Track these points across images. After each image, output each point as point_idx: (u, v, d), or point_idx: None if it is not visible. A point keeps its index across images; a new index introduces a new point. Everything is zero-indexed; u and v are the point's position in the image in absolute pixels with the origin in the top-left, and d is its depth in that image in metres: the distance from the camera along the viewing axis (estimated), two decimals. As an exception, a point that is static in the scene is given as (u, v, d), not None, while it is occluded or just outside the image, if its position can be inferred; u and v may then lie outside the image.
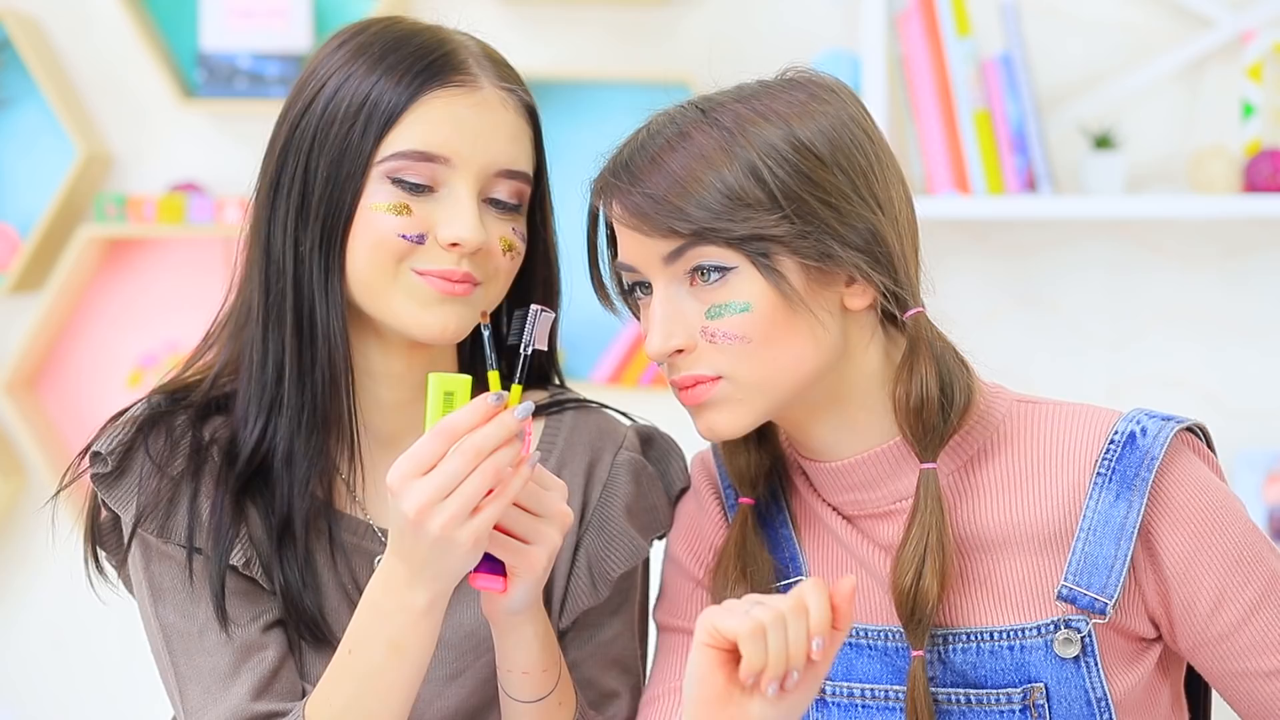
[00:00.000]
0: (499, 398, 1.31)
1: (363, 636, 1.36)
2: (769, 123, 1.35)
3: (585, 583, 1.52)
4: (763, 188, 1.33)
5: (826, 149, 1.35)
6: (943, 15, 3.00)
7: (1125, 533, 1.36)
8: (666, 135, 1.36)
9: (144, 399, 1.50)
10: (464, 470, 1.29)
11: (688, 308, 1.36)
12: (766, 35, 3.22)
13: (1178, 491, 1.38)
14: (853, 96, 1.40)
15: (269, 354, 1.45)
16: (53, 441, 3.29)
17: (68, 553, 3.37)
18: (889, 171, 1.39)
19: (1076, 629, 1.37)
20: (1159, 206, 3.05)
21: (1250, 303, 3.24)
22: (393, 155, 1.41)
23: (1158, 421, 1.39)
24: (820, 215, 1.34)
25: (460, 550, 1.31)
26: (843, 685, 1.44)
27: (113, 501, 1.46)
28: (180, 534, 1.44)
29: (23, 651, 3.37)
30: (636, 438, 1.58)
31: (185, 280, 3.30)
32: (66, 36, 3.29)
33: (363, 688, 1.36)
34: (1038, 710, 1.37)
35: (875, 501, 1.42)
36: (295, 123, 1.45)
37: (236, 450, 1.46)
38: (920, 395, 1.37)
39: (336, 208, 1.42)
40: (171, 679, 1.45)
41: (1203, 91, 3.20)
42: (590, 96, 3.22)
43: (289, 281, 1.44)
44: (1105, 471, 1.38)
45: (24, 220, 3.28)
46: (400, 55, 1.44)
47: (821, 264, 1.34)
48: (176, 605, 1.45)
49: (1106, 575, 1.36)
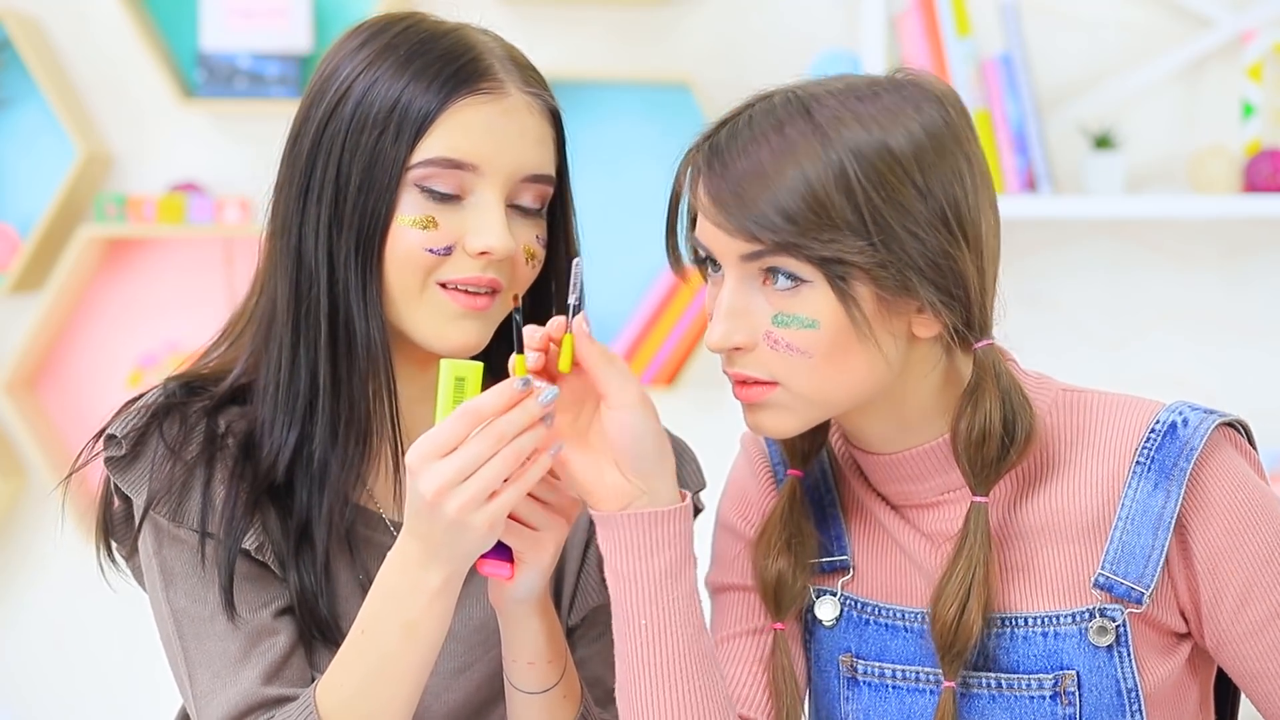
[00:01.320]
0: (525, 383, 1.31)
1: (376, 618, 1.36)
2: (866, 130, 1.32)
3: (595, 580, 1.52)
4: (851, 205, 1.30)
5: (918, 173, 1.32)
6: (942, 15, 3.00)
7: (1163, 522, 1.36)
8: (769, 135, 1.33)
9: (160, 385, 1.50)
10: (486, 454, 1.29)
11: (756, 306, 1.34)
12: (766, 35, 3.22)
13: (1214, 485, 1.37)
14: (958, 108, 1.37)
15: (300, 362, 1.44)
16: (53, 441, 3.29)
17: (69, 553, 3.37)
18: (981, 195, 1.36)
19: (1111, 618, 1.37)
20: (1159, 206, 3.05)
21: (1250, 303, 3.24)
22: (422, 163, 1.41)
23: (1200, 414, 1.39)
24: (905, 246, 1.31)
25: (475, 534, 1.31)
26: (874, 665, 1.44)
27: (125, 485, 1.46)
28: (193, 518, 1.44)
29: (23, 651, 3.37)
30: None
31: (185, 280, 3.30)
32: (66, 36, 3.29)
33: (375, 671, 1.36)
34: (1068, 698, 1.37)
35: (923, 493, 1.42)
36: (323, 124, 1.43)
37: (254, 447, 1.46)
38: (984, 429, 1.36)
39: (373, 217, 1.41)
40: (181, 664, 1.45)
41: (1203, 91, 3.20)
42: (590, 96, 3.22)
43: (323, 288, 1.43)
44: (1145, 460, 1.37)
45: (24, 220, 3.28)
46: (428, 60, 1.43)
47: (897, 295, 1.33)
48: (187, 590, 1.44)
49: (1144, 565, 1.36)
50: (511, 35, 1.56)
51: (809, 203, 1.30)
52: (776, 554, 1.45)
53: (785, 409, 1.36)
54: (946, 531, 1.41)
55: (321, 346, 1.44)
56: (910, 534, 1.43)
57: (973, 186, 1.35)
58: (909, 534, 1.43)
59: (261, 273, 1.49)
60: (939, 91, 1.37)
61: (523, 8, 3.20)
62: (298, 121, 1.46)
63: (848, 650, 1.45)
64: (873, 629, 1.44)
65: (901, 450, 1.41)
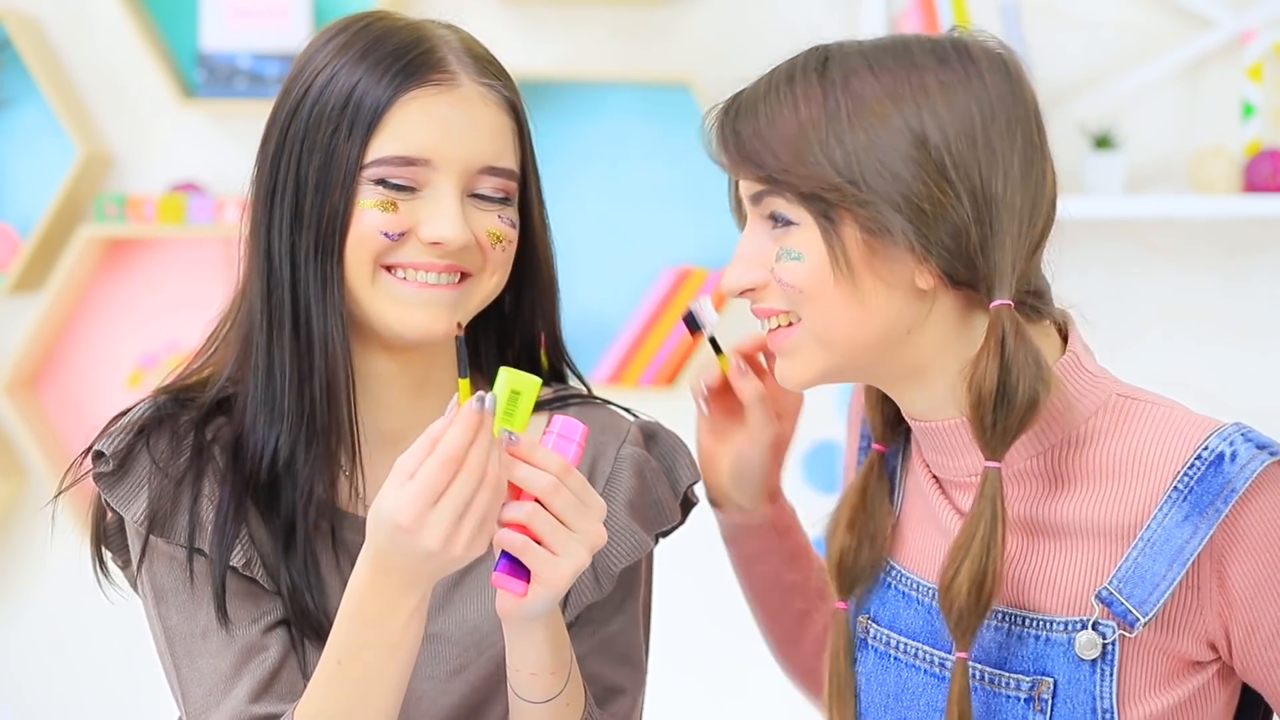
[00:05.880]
0: (480, 400, 1.30)
1: (352, 645, 1.35)
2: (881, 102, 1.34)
3: (588, 577, 1.52)
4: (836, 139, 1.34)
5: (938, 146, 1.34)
6: (942, 15, 3.00)
7: (1181, 558, 1.33)
8: (780, 84, 1.37)
9: (148, 398, 1.50)
10: (472, 490, 1.29)
11: (765, 248, 1.38)
12: (766, 35, 3.22)
13: (1258, 521, 1.34)
14: (1004, 77, 1.38)
15: (274, 361, 1.45)
16: (53, 441, 3.29)
17: (68, 553, 3.37)
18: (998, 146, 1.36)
19: (1102, 633, 1.36)
20: (1159, 206, 3.05)
21: (1250, 303, 3.24)
22: (376, 161, 1.42)
23: (1251, 449, 1.34)
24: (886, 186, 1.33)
25: (477, 553, 1.32)
26: (884, 632, 1.44)
27: (115, 502, 1.46)
28: (181, 535, 1.44)
29: (23, 651, 3.37)
30: (640, 433, 1.58)
31: (185, 280, 3.30)
32: (66, 36, 3.29)
33: (359, 693, 1.36)
34: (1041, 704, 1.37)
35: (955, 469, 1.42)
36: (285, 125, 1.45)
37: (240, 451, 1.46)
38: (979, 391, 1.35)
39: (331, 214, 1.42)
40: (175, 680, 1.46)
41: (1203, 91, 3.20)
42: (590, 96, 3.22)
43: (286, 289, 1.44)
44: (1182, 489, 1.34)
45: (24, 220, 3.29)
46: (380, 54, 1.43)
47: (880, 237, 1.34)
48: (179, 606, 1.45)
49: (1149, 590, 1.34)
50: (511, 35, 1.56)
51: (794, 137, 1.34)
52: (843, 529, 1.45)
53: (802, 353, 1.38)
54: None
55: (287, 344, 1.44)
56: (948, 511, 1.43)
57: (983, 137, 1.35)
58: (947, 511, 1.43)
59: (242, 276, 1.49)
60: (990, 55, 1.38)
61: (523, 8, 3.20)
62: (268, 122, 1.47)
63: (867, 612, 1.46)
64: (893, 594, 1.45)
65: (940, 420, 1.41)
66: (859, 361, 1.38)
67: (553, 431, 1.35)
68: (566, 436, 1.35)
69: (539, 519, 1.32)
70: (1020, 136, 1.38)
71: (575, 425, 1.35)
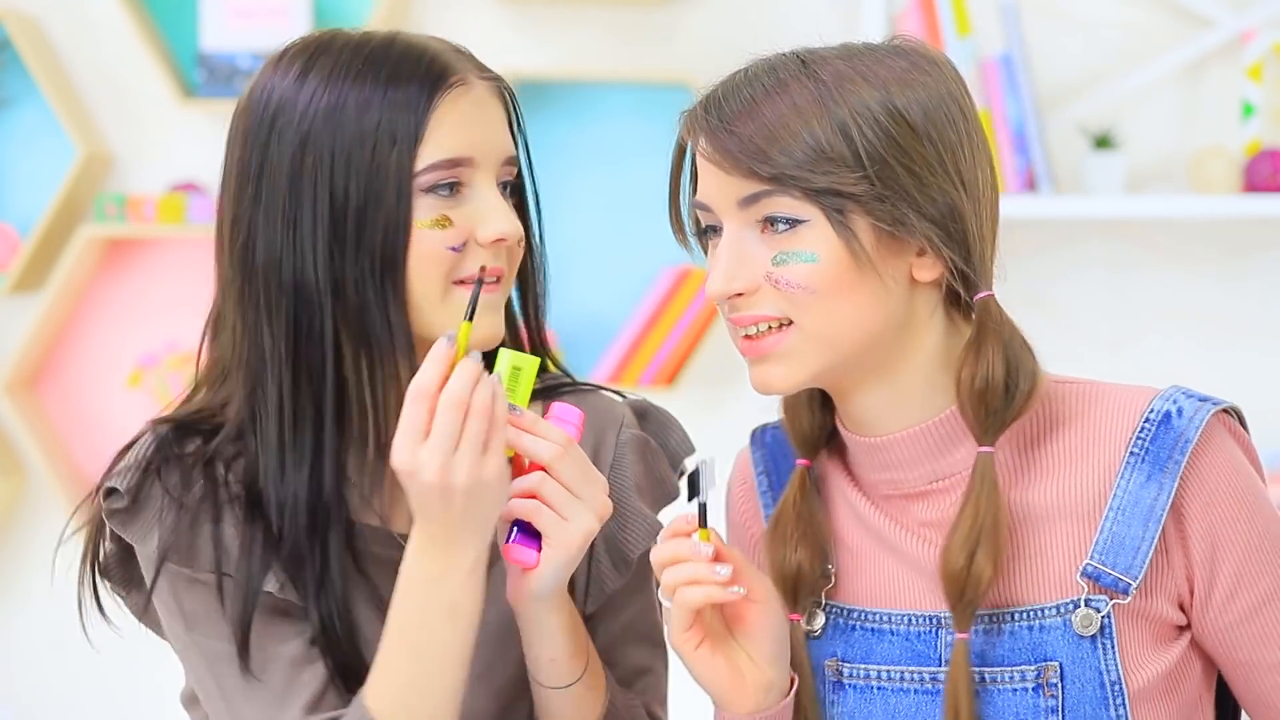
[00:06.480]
0: (449, 339, 1.35)
1: (412, 612, 1.37)
2: (868, 84, 1.36)
3: (608, 566, 1.53)
4: (850, 146, 1.34)
5: (920, 119, 1.36)
6: (942, 15, 3.00)
7: (1154, 515, 1.36)
8: (764, 82, 1.39)
9: (149, 431, 1.48)
10: (458, 420, 1.32)
11: (755, 252, 1.37)
12: (766, 35, 3.21)
13: (1211, 475, 1.37)
14: (954, 73, 1.41)
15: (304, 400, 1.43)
16: (53, 441, 3.29)
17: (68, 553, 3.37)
18: (979, 153, 1.39)
19: (1096, 608, 1.37)
20: (1159, 206, 3.05)
21: (1250, 303, 3.24)
22: (427, 168, 1.42)
23: (1194, 402, 1.39)
24: (901, 181, 1.35)
25: (491, 489, 1.34)
26: (860, 667, 1.44)
27: (131, 536, 1.45)
28: (207, 560, 1.44)
29: (23, 651, 3.37)
30: (633, 414, 1.59)
31: (185, 280, 3.30)
32: (66, 36, 3.29)
33: (423, 664, 1.37)
34: (1051, 689, 1.37)
35: (912, 481, 1.42)
36: (296, 153, 1.43)
37: (259, 493, 1.44)
38: (986, 378, 1.37)
39: (389, 233, 1.41)
40: (221, 706, 1.45)
41: (1203, 91, 3.20)
42: (590, 96, 3.22)
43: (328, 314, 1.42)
44: (1139, 451, 1.38)
45: (24, 220, 3.29)
46: (392, 67, 1.44)
47: (894, 230, 1.35)
48: (216, 632, 1.44)
49: (1132, 556, 1.36)
50: (511, 35, 1.57)
51: (810, 146, 1.34)
52: (795, 544, 1.45)
53: (796, 356, 1.38)
54: (936, 521, 1.42)
55: (328, 377, 1.43)
56: (898, 530, 1.43)
57: (969, 140, 1.38)
58: (897, 530, 1.43)
59: (237, 315, 1.47)
60: (935, 56, 1.41)
61: (522, 8, 3.20)
62: (250, 161, 1.46)
63: (833, 655, 1.45)
64: (859, 634, 1.45)
65: (893, 432, 1.41)
66: (854, 359, 1.39)
67: (552, 417, 1.40)
68: (565, 419, 1.40)
69: (547, 485, 1.37)
70: (976, 133, 1.41)
71: (572, 410, 1.40)
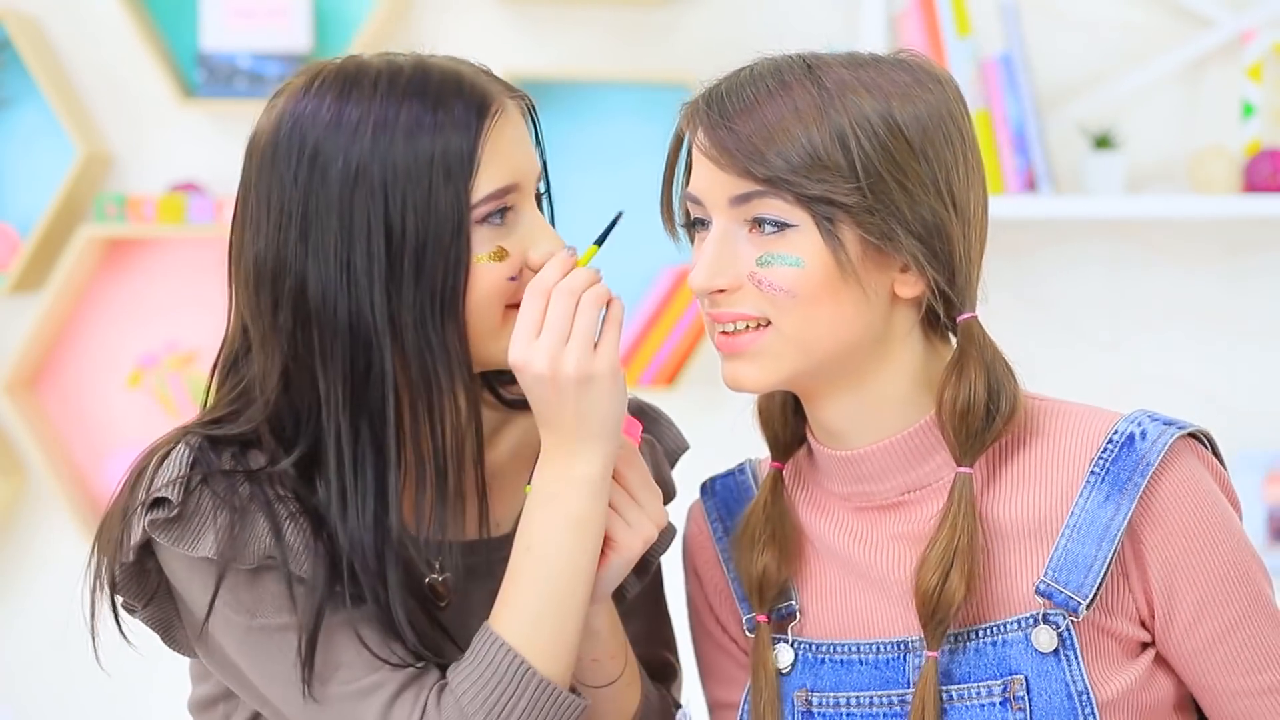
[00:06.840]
0: (571, 251, 1.41)
1: (538, 526, 1.39)
2: (870, 95, 1.36)
3: (631, 573, 1.54)
4: (846, 156, 1.35)
5: (917, 135, 1.36)
6: (942, 15, 3.00)
7: (1108, 535, 1.36)
8: (768, 82, 1.38)
9: (178, 439, 1.44)
10: (569, 311, 1.38)
11: (741, 250, 1.38)
12: (766, 35, 3.21)
13: (1171, 501, 1.37)
14: (957, 93, 1.41)
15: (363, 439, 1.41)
16: (53, 441, 3.29)
17: (68, 553, 3.36)
18: (973, 174, 1.40)
19: (1054, 624, 1.37)
20: (1159, 206, 3.05)
21: (1250, 303, 3.24)
22: (483, 200, 1.41)
23: (1159, 425, 1.38)
24: (893, 196, 1.35)
25: (603, 383, 1.38)
26: (829, 696, 1.44)
27: (181, 544, 1.41)
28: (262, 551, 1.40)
29: (23, 651, 3.37)
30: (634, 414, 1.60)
31: (185, 280, 3.30)
32: (66, 36, 3.29)
33: (550, 578, 1.39)
34: (1018, 702, 1.37)
35: (884, 493, 1.42)
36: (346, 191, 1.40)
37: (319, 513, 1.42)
38: (968, 400, 1.38)
39: (452, 271, 1.40)
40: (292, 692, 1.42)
41: (1203, 91, 3.20)
42: (590, 96, 3.22)
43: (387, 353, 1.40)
44: (1099, 471, 1.37)
45: (24, 220, 3.29)
46: (436, 97, 1.41)
47: (881, 243, 1.35)
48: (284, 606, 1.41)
49: (1084, 575, 1.36)
50: (511, 35, 1.57)
51: (807, 151, 1.35)
52: (762, 546, 1.46)
53: (771, 357, 1.38)
54: (908, 534, 1.42)
55: (389, 419, 1.41)
56: (868, 550, 1.43)
57: (964, 161, 1.39)
58: (866, 551, 1.43)
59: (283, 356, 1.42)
60: (939, 74, 1.41)
61: (522, 8, 3.20)
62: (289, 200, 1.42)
63: (802, 686, 1.45)
64: (828, 666, 1.45)
65: (866, 445, 1.42)
66: (827, 366, 1.39)
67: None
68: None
69: (615, 491, 1.41)
70: (973, 154, 1.41)
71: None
